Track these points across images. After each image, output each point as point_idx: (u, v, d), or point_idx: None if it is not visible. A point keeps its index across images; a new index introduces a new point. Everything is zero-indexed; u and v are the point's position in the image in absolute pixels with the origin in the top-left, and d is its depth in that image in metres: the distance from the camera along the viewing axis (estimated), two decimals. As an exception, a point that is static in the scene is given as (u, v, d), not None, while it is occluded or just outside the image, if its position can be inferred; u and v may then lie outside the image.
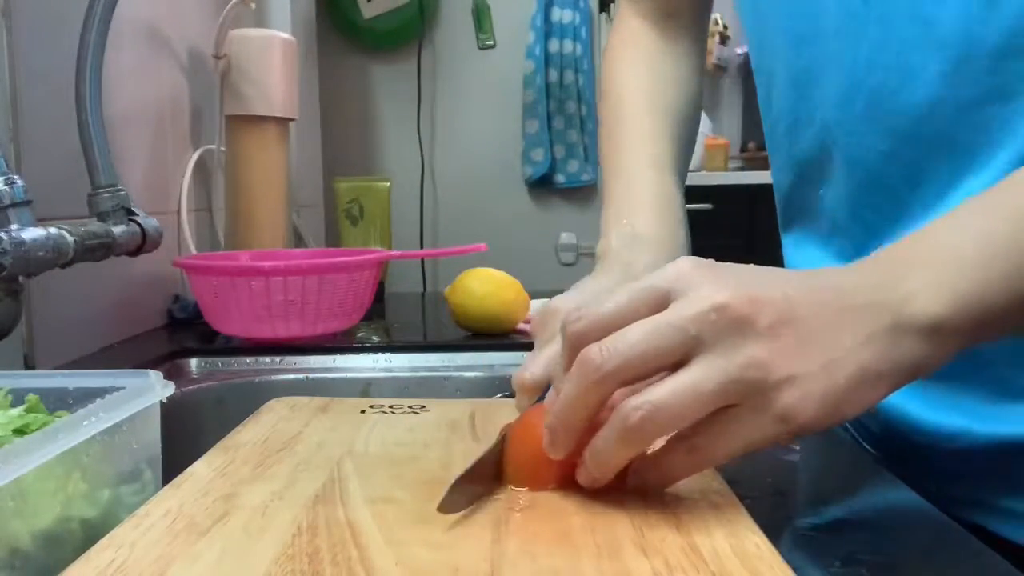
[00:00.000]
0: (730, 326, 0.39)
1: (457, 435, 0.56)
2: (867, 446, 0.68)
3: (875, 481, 0.54)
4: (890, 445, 0.64)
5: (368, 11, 2.01)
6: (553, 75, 2.03)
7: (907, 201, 0.56)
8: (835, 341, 0.40)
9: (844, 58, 0.57)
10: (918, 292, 0.40)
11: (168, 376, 0.52)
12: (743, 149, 3.51)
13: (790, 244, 0.71)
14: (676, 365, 0.40)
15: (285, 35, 1.28)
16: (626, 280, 0.60)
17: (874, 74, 0.55)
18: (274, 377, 0.93)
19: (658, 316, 0.40)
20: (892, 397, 0.42)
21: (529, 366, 0.54)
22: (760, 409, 0.40)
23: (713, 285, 0.40)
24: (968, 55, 0.51)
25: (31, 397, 0.49)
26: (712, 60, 3.55)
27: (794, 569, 0.36)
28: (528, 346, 0.98)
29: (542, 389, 0.53)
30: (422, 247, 2.03)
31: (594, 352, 0.41)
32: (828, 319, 0.40)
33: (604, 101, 0.77)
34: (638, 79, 0.76)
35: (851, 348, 0.40)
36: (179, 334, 1.06)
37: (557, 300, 0.59)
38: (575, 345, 0.42)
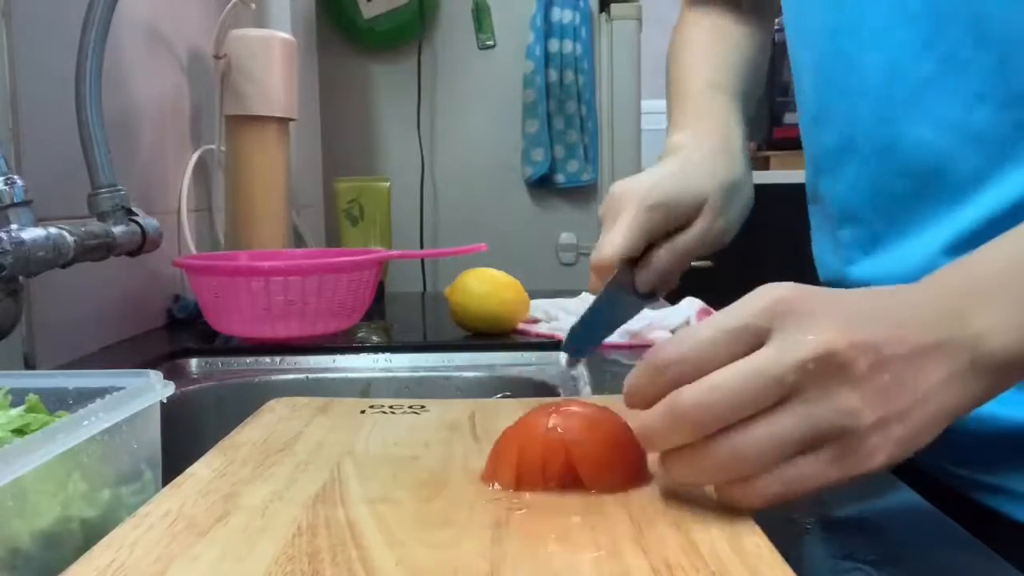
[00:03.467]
0: (828, 373, 0.39)
1: (457, 435, 0.56)
2: None
3: (875, 481, 0.53)
4: None
5: (368, 11, 2.01)
6: (553, 75, 2.03)
7: (933, 191, 0.56)
8: (917, 382, 0.40)
9: (889, 46, 0.57)
10: (991, 329, 0.41)
11: (168, 376, 0.52)
12: (743, 149, 3.51)
13: (813, 233, 0.72)
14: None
15: (285, 35, 1.28)
16: (685, 167, 0.64)
17: (923, 65, 0.56)
18: (274, 377, 0.93)
19: (756, 361, 0.40)
20: None
21: (603, 248, 0.58)
22: (846, 451, 0.40)
23: (812, 327, 0.40)
24: (1011, 53, 0.52)
25: (31, 397, 0.49)
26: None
27: (794, 569, 0.36)
28: (527, 346, 0.98)
29: (613, 270, 0.58)
30: (422, 247, 2.03)
31: (689, 404, 0.40)
32: (912, 360, 0.40)
33: (669, 64, 0.81)
34: (701, 37, 0.79)
35: (932, 389, 0.40)
36: (179, 334, 1.06)
37: (622, 183, 0.62)
38: (669, 384, 0.41)
